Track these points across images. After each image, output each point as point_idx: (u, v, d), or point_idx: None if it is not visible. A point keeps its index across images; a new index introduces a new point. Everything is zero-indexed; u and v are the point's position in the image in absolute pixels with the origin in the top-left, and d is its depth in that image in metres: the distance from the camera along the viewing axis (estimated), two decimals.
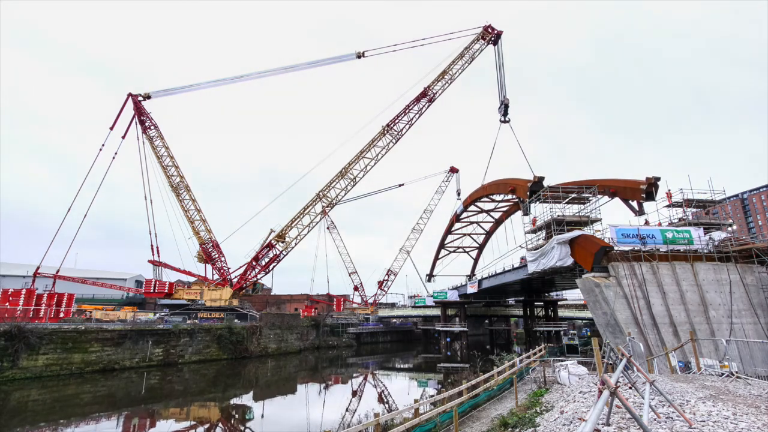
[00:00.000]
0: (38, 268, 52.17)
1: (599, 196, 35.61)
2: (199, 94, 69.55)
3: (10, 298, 43.78)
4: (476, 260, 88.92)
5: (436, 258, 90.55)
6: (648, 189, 31.50)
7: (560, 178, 38.54)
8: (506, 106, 54.42)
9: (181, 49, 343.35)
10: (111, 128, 58.41)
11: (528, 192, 38.09)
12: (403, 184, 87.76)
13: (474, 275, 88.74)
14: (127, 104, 60.07)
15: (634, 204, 33.45)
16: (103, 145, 57.24)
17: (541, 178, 38.48)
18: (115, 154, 58.83)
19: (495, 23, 55.58)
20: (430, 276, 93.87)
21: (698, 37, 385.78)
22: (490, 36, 55.30)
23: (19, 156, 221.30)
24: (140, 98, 60.68)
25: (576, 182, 38.10)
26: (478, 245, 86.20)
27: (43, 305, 45.29)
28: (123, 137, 59.49)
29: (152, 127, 61.36)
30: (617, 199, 36.01)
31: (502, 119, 54.75)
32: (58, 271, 54.11)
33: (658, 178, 31.52)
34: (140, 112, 60.63)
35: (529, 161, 51.45)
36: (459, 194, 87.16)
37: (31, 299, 44.62)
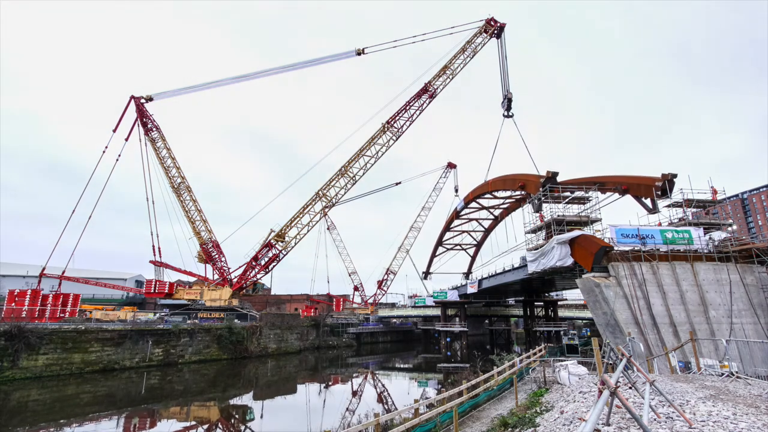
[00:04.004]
0: (44, 268, 52.19)
1: (608, 194, 35.35)
2: (199, 95, 69.33)
3: (16, 299, 44.14)
4: (473, 258, 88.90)
5: (433, 255, 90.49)
6: (664, 186, 31.06)
7: (560, 176, 37.93)
8: (509, 101, 53.86)
9: (181, 51, 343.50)
10: (114, 130, 58.34)
11: (541, 188, 36.50)
12: (400, 183, 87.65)
13: (471, 273, 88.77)
14: (129, 107, 60.01)
15: (647, 202, 33.05)
16: (106, 147, 57.26)
17: (555, 173, 36.58)
18: (119, 156, 58.91)
19: (498, 16, 55.46)
20: (427, 273, 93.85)
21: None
22: (493, 29, 55.06)
23: (20, 155, 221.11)
24: (143, 100, 60.63)
25: (585, 179, 37.68)
26: (476, 243, 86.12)
27: (49, 305, 45.64)
28: (126, 139, 59.49)
29: (154, 129, 61.35)
30: (613, 200, 35.93)
31: (506, 114, 54.33)
32: (63, 272, 54.24)
33: (675, 175, 31.04)
34: (142, 115, 60.60)
35: (533, 157, 51.27)
36: (457, 191, 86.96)
37: (36, 299, 44.95)
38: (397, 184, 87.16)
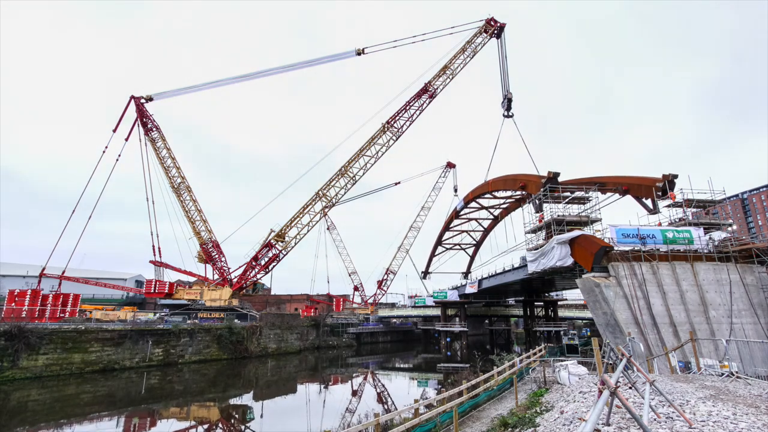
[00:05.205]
0: (44, 268, 52.13)
1: (608, 194, 35.41)
2: (198, 95, 69.32)
3: (16, 299, 44.13)
4: (472, 258, 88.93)
5: (432, 255, 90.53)
6: (664, 186, 31.19)
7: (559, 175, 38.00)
8: (509, 101, 53.86)
9: (179, 50, 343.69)
10: (114, 130, 58.23)
11: (542, 188, 36.42)
12: (399, 182, 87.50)
13: (470, 273, 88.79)
14: (129, 107, 59.91)
15: (648, 202, 33.12)
16: (106, 147, 57.18)
17: (557, 174, 36.57)
18: (119, 156, 58.86)
19: (498, 16, 55.51)
20: (426, 273, 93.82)
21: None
22: (493, 29, 55.09)
23: (20, 154, 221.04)
24: (143, 100, 60.55)
25: (585, 179, 37.69)
26: (475, 242, 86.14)
27: (49, 305, 45.64)
28: (126, 139, 59.40)
29: (154, 129, 61.30)
30: (613, 200, 35.91)
31: (506, 114, 54.32)
32: (63, 272, 54.22)
33: (676, 176, 31.14)
34: (142, 115, 60.53)
35: (533, 157, 51.36)
36: (456, 190, 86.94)
37: (36, 299, 44.94)
38: (396, 183, 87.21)
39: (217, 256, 61.86)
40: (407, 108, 56.27)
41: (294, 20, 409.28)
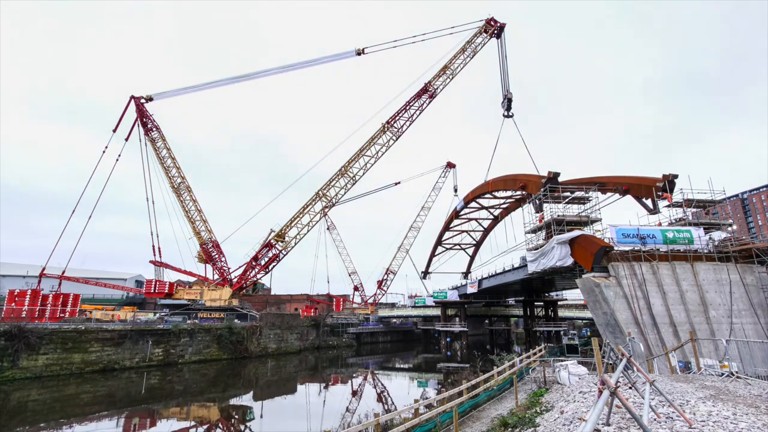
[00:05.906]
0: (44, 268, 52.12)
1: (608, 194, 35.43)
2: (198, 95, 69.24)
3: (16, 299, 44.14)
4: (472, 258, 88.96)
5: (432, 255, 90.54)
6: (664, 186, 31.33)
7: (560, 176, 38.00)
8: (509, 101, 53.82)
9: (177, 48, 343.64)
10: (114, 130, 58.26)
11: (542, 188, 36.29)
12: (399, 183, 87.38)
13: (470, 273, 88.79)
14: (129, 107, 59.87)
15: (648, 202, 33.20)
16: (106, 147, 57.17)
17: (557, 174, 36.57)
18: (119, 156, 58.84)
19: (498, 16, 55.50)
20: (426, 273, 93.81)
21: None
22: (493, 29, 55.09)
23: (19, 154, 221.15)
24: (143, 100, 60.53)
25: (585, 179, 37.72)
26: (475, 242, 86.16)
27: (49, 305, 45.67)
28: (126, 139, 59.39)
29: (154, 129, 61.29)
30: (613, 200, 35.92)
31: (506, 114, 54.31)
32: (63, 272, 54.24)
33: (676, 176, 31.23)
34: (142, 114, 60.49)
35: (533, 157, 51.47)
36: (456, 190, 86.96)
37: (36, 299, 44.96)
38: (396, 183, 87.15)
39: (217, 256, 61.86)
40: (407, 108, 56.27)
41: (294, 20, 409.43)
